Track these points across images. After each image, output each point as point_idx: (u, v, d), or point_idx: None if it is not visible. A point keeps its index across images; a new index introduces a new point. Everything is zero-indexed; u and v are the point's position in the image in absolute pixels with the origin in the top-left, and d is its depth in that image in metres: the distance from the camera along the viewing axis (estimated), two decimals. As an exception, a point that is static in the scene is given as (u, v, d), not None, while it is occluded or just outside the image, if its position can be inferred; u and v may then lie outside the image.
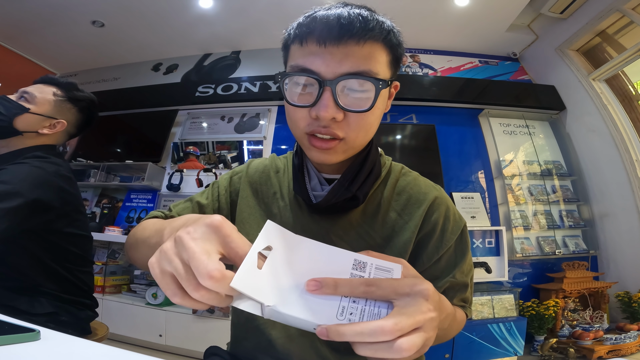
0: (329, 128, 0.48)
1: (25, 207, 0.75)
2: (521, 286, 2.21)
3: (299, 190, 0.58)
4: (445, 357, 1.82)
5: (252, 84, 2.78)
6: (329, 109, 0.46)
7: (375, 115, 0.51)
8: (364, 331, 0.28)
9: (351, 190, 0.54)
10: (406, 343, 0.27)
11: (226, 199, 0.65)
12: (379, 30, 0.46)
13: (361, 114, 0.48)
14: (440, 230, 0.57)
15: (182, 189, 2.55)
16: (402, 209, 0.58)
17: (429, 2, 2.48)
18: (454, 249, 0.57)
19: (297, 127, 0.52)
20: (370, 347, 0.28)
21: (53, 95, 0.94)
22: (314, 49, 0.46)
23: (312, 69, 0.46)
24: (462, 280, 0.56)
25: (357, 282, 0.30)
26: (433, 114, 2.66)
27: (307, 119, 0.49)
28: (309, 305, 0.30)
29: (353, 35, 0.45)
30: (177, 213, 0.63)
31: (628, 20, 2.25)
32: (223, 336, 0.68)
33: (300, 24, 0.48)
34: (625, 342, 1.82)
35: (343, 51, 0.45)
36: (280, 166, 0.67)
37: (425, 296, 0.31)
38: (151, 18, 2.70)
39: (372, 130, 0.53)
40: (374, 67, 0.47)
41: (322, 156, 0.51)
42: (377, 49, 0.47)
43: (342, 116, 0.47)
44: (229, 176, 0.68)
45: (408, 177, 0.62)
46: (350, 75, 0.45)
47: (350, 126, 0.49)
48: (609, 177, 2.33)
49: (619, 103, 2.38)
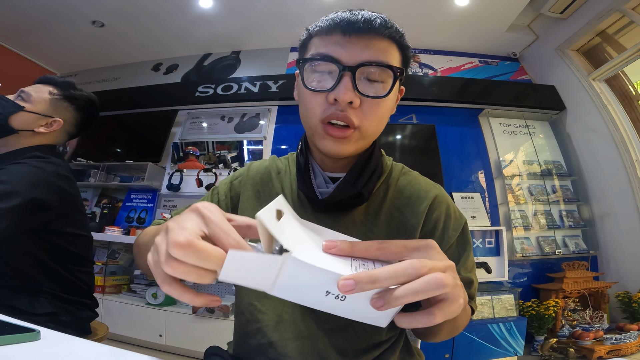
0: (345, 113, 0.50)
1: (24, 206, 0.75)
2: (521, 286, 2.21)
3: (304, 188, 0.59)
4: (445, 357, 1.82)
5: (252, 84, 2.78)
6: (348, 91, 0.48)
7: (387, 107, 0.54)
8: (397, 270, 0.27)
9: (357, 187, 0.56)
10: (445, 278, 0.27)
11: (226, 204, 0.66)
12: (395, 31, 0.51)
13: (376, 103, 0.51)
14: (442, 228, 0.57)
15: (182, 189, 2.55)
16: (404, 207, 0.59)
17: (429, 2, 2.48)
18: (456, 246, 0.58)
19: (312, 115, 0.53)
20: (409, 317, 0.28)
21: (49, 94, 0.94)
22: (337, 39, 0.50)
23: (333, 56, 0.50)
24: (466, 277, 0.56)
25: (371, 243, 0.31)
26: (433, 114, 2.66)
27: (324, 104, 0.51)
28: (325, 262, 0.28)
29: (375, 29, 0.50)
30: None
31: (628, 20, 2.25)
32: (223, 336, 0.68)
33: (325, 20, 0.52)
34: (625, 342, 1.82)
35: (364, 42, 0.50)
36: (282, 167, 0.67)
37: (434, 247, 0.31)
38: (151, 18, 2.70)
39: (383, 123, 0.55)
40: (391, 61, 0.51)
41: (335, 146, 0.52)
42: (393, 46, 0.52)
43: (359, 102, 0.50)
44: (229, 181, 0.69)
45: (409, 175, 0.64)
46: (370, 62, 0.49)
47: (365, 114, 0.51)
48: (609, 177, 2.33)
49: (619, 103, 2.38)
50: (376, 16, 0.50)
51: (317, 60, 0.51)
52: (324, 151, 0.55)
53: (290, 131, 2.67)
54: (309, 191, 0.58)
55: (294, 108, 3.03)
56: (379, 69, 0.49)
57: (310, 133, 0.56)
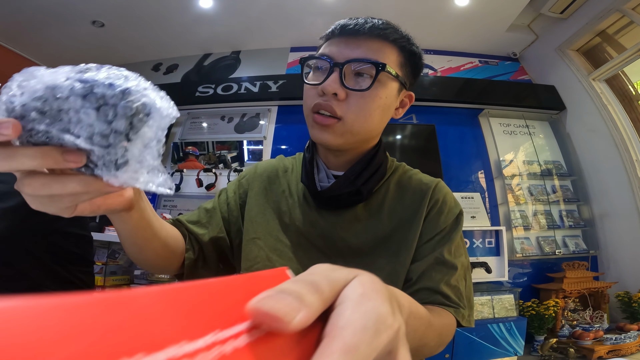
0: (329, 103, 0.53)
1: (24, 206, 0.74)
2: (521, 286, 2.21)
3: (306, 181, 0.61)
4: (445, 357, 1.82)
5: (252, 84, 2.77)
6: (333, 83, 0.52)
7: (376, 104, 0.55)
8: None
9: (356, 184, 0.57)
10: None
11: (236, 201, 0.67)
12: (391, 32, 0.55)
13: (362, 97, 0.53)
14: (437, 212, 0.59)
15: (182, 189, 2.55)
16: (406, 201, 0.60)
17: (429, 2, 2.48)
18: (447, 231, 0.58)
19: (306, 106, 0.58)
20: None
21: None
22: (335, 41, 0.56)
23: (328, 54, 0.55)
24: (449, 260, 0.55)
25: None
26: (433, 114, 2.66)
27: (315, 97, 0.55)
28: None
29: (367, 31, 0.54)
30: (184, 219, 0.66)
31: (628, 20, 2.25)
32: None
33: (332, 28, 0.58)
34: (625, 342, 1.82)
35: (357, 42, 0.54)
36: (289, 166, 0.70)
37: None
38: (151, 18, 2.70)
39: (370, 118, 0.55)
40: (381, 59, 0.54)
41: (321, 134, 0.55)
42: (387, 47, 0.55)
43: (344, 95, 0.53)
44: (237, 180, 0.71)
45: (410, 172, 0.66)
46: (357, 59, 0.53)
47: (350, 107, 0.54)
48: (609, 177, 2.33)
49: (619, 103, 2.38)
50: (371, 20, 0.55)
51: (314, 58, 0.57)
52: (313, 139, 0.58)
53: (290, 131, 2.66)
54: (309, 182, 0.60)
55: (294, 108, 3.01)
56: (364, 64, 0.53)
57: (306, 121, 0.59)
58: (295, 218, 0.62)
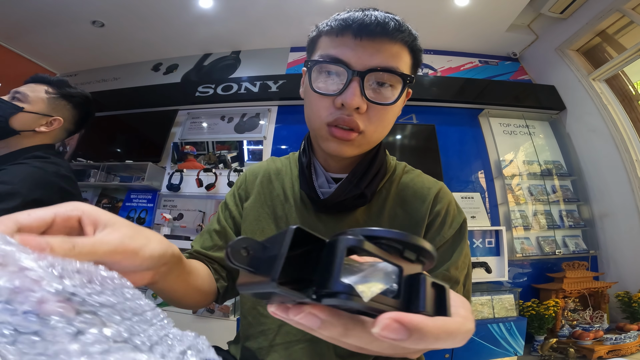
0: (351, 117, 0.49)
1: (25, 207, 0.74)
2: (521, 286, 2.21)
3: (306, 188, 0.59)
4: (445, 357, 1.82)
5: (252, 84, 2.77)
6: (355, 97, 0.47)
7: (394, 113, 0.53)
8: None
9: (360, 187, 0.55)
10: None
11: (239, 213, 0.66)
12: (408, 34, 0.50)
13: (383, 109, 0.50)
14: (440, 222, 0.57)
15: (182, 189, 2.55)
16: (407, 205, 0.59)
17: (429, 2, 2.48)
18: (451, 243, 0.57)
19: (317, 117, 0.52)
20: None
21: (45, 93, 0.94)
22: (348, 41, 0.49)
23: (343, 59, 0.48)
24: (454, 275, 0.54)
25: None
26: (433, 114, 2.66)
27: (330, 108, 0.50)
28: None
29: (387, 33, 0.48)
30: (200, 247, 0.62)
31: (628, 20, 2.25)
32: (223, 336, 0.68)
33: (336, 19, 0.50)
34: (625, 342, 1.82)
35: (375, 46, 0.48)
36: (280, 167, 0.67)
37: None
38: (151, 18, 2.70)
39: (388, 128, 0.54)
40: (401, 66, 0.50)
41: (339, 147, 0.52)
42: (404, 50, 0.50)
43: (366, 108, 0.49)
44: (232, 193, 0.69)
45: (411, 173, 0.64)
46: (379, 69, 0.48)
47: (370, 119, 0.50)
48: (609, 177, 2.33)
49: (619, 103, 2.38)
50: (390, 18, 0.48)
51: (327, 62, 0.49)
52: (327, 151, 0.54)
53: (290, 131, 2.66)
54: (310, 191, 0.58)
55: (294, 108, 3.00)
56: (386, 75, 0.49)
57: (314, 134, 0.56)
58: (293, 222, 0.59)
